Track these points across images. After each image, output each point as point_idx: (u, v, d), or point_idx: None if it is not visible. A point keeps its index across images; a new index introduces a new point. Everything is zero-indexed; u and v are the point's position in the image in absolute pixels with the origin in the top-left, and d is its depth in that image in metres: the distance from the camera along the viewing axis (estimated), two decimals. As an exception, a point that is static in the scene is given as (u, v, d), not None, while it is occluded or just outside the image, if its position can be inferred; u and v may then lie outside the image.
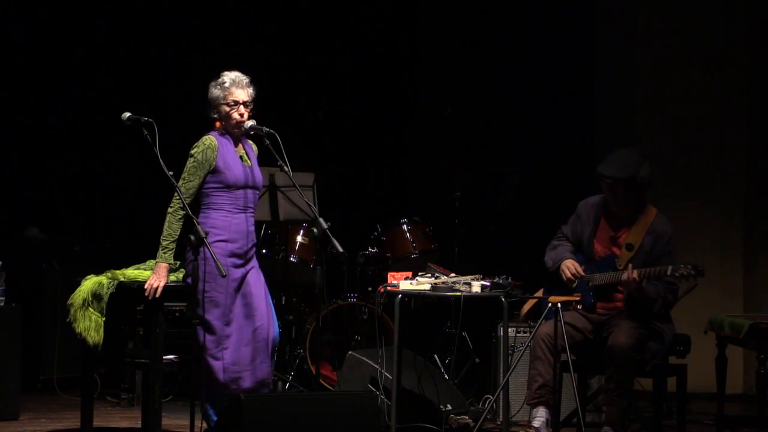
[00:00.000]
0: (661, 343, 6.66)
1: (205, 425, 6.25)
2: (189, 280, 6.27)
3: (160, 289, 6.26)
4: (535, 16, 9.92)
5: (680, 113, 9.40)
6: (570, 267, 6.78)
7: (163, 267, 6.28)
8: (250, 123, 6.39)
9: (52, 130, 9.47)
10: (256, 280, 6.41)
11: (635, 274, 6.50)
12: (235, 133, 6.43)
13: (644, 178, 6.73)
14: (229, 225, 6.31)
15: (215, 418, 6.24)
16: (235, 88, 6.38)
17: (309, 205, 6.42)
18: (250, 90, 6.43)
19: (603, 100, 9.73)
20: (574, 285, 6.79)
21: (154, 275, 6.28)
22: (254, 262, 6.46)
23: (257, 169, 6.46)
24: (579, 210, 6.95)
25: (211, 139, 6.35)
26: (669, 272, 6.45)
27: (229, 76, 6.40)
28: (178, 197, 6.21)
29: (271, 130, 6.36)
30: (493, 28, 10.10)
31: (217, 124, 6.41)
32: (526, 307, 6.87)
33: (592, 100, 9.77)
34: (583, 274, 6.78)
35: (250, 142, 6.53)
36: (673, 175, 9.35)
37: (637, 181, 6.72)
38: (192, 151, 6.32)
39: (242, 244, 6.34)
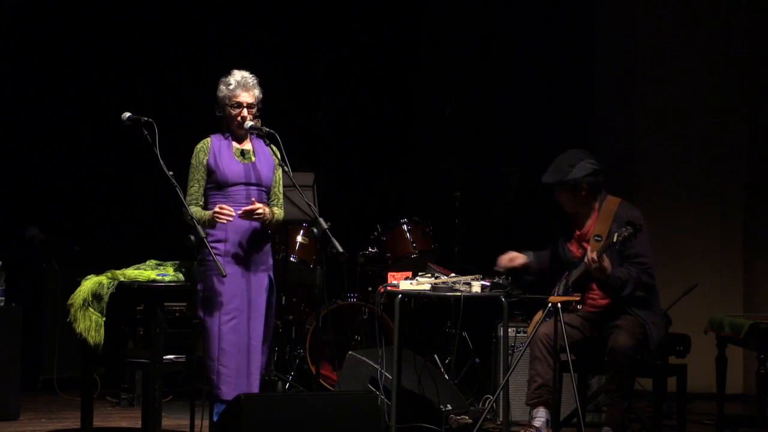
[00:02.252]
0: (645, 336, 6.64)
1: (206, 423, 6.25)
2: (199, 286, 6.25)
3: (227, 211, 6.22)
4: (535, 16, 9.92)
5: (680, 113, 9.39)
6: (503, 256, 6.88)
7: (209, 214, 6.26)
8: (250, 123, 6.39)
9: (52, 129, 9.47)
10: (260, 289, 6.38)
11: (593, 254, 6.52)
12: (239, 133, 6.44)
13: (576, 180, 6.72)
14: (225, 224, 6.29)
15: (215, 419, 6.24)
16: (240, 90, 6.38)
17: (309, 205, 6.41)
18: (256, 92, 6.43)
19: (603, 100, 9.73)
20: (560, 291, 6.81)
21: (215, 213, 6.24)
22: (264, 266, 6.42)
23: (263, 168, 6.43)
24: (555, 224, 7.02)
25: (204, 142, 6.40)
26: (615, 239, 6.47)
27: (235, 77, 6.40)
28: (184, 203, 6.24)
29: (271, 130, 6.36)
30: (493, 29, 10.10)
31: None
32: (533, 325, 6.87)
33: (592, 100, 9.77)
34: (508, 262, 6.85)
35: (266, 142, 6.49)
36: (673, 175, 9.35)
37: (568, 184, 6.72)
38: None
39: (241, 241, 6.31)
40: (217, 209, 6.24)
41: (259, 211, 6.29)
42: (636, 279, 6.62)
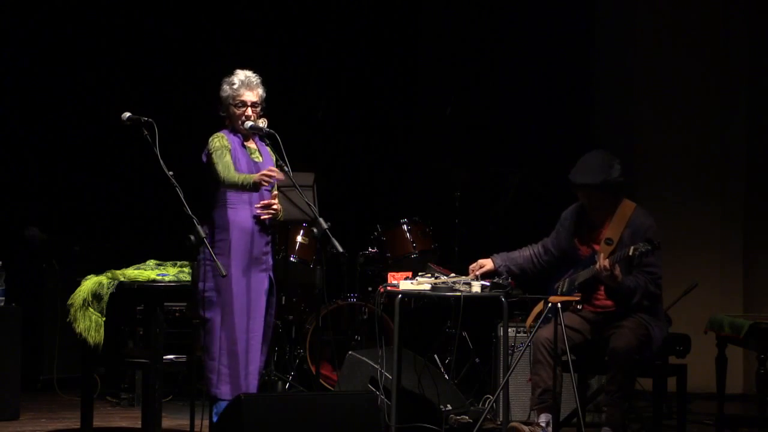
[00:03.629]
0: (650, 342, 6.64)
1: (206, 423, 6.25)
2: (199, 286, 6.26)
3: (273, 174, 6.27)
4: (534, 16, 9.92)
5: (680, 113, 9.39)
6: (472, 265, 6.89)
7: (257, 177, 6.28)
8: (250, 123, 6.39)
9: (52, 129, 9.47)
10: (260, 290, 6.38)
11: (606, 262, 6.51)
12: (243, 131, 6.45)
13: (616, 180, 6.74)
14: (233, 222, 6.30)
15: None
16: (244, 89, 6.40)
17: (309, 205, 6.41)
18: (260, 90, 6.45)
19: (603, 100, 9.73)
20: (564, 289, 6.80)
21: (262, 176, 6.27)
22: (265, 266, 6.42)
23: (268, 166, 6.45)
24: (561, 219, 7.00)
25: (220, 134, 6.42)
26: (631, 252, 6.47)
27: (239, 77, 6.42)
28: (220, 179, 6.27)
29: (271, 130, 6.36)
30: (493, 28, 10.10)
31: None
32: (531, 317, 6.87)
33: (592, 100, 9.77)
34: (478, 269, 6.84)
35: (265, 142, 6.49)
36: (673, 174, 9.35)
37: (610, 184, 6.73)
38: (209, 147, 6.38)
39: (242, 241, 6.32)
40: (266, 171, 6.26)
41: (276, 206, 6.34)
42: (644, 288, 6.61)
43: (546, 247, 6.98)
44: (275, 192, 6.52)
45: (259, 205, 6.33)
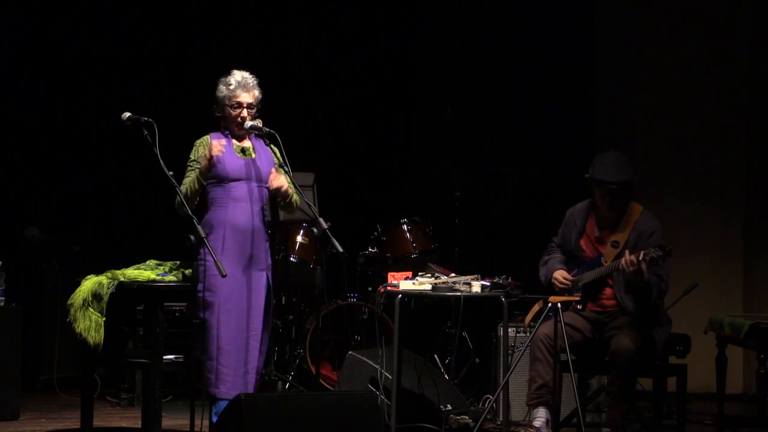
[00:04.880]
0: (652, 344, 6.64)
1: (206, 423, 6.25)
2: (199, 286, 6.25)
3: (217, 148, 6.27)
4: (535, 16, 9.92)
5: (680, 113, 9.39)
6: (558, 278, 6.79)
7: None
8: (250, 123, 6.39)
9: (52, 129, 9.47)
10: (259, 288, 6.37)
11: (632, 257, 6.50)
12: (239, 133, 6.44)
13: (636, 179, 6.77)
14: (223, 221, 6.29)
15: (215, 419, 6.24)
16: (240, 90, 6.39)
17: (309, 205, 6.40)
18: (256, 92, 6.44)
19: (603, 101, 9.72)
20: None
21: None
22: (263, 265, 6.41)
23: (264, 165, 6.43)
24: (567, 218, 6.98)
25: (203, 138, 6.43)
26: (641, 257, 6.47)
27: (236, 78, 6.41)
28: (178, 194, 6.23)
29: (271, 130, 6.36)
30: (493, 29, 10.10)
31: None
32: (530, 316, 6.87)
33: (592, 100, 9.77)
34: (571, 279, 6.79)
35: (266, 142, 6.47)
36: (673, 175, 9.35)
37: (634, 183, 6.76)
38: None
39: (240, 240, 6.30)
40: (210, 149, 6.26)
41: (285, 187, 6.38)
42: (657, 285, 6.63)
43: (559, 246, 6.96)
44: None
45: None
